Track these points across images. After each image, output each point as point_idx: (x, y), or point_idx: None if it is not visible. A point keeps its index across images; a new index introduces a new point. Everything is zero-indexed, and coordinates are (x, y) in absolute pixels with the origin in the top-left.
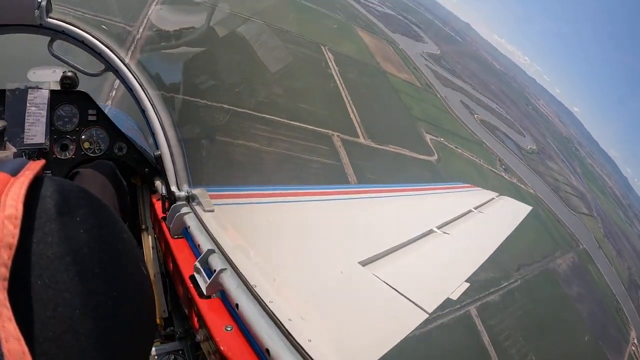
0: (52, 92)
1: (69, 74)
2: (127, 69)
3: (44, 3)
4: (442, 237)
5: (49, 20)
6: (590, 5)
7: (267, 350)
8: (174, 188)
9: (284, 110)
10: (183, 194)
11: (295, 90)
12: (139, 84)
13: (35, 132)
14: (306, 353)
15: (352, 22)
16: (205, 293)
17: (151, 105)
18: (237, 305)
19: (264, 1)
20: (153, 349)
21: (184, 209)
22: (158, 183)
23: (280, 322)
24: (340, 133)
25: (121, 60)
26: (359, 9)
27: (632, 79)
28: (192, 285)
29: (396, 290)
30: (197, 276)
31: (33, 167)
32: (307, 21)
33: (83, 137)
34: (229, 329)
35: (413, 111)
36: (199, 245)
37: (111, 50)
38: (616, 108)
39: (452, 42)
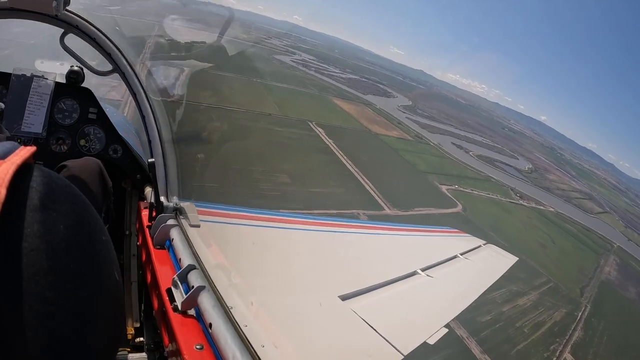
0: (57, 84)
1: (76, 68)
2: (134, 73)
3: None
4: (425, 280)
5: (65, 12)
6: (520, 16)
7: None
8: (162, 198)
9: (299, 200)
10: (171, 205)
11: (303, 174)
12: (143, 90)
13: (34, 120)
14: None
15: (326, 93)
16: (180, 308)
17: (152, 112)
18: (210, 324)
19: (237, 88)
20: (120, 356)
21: (170, 221)
22: (148, 190)
23: (253, 348)
24: (364, 210)
25: (129, 64)
26: (327, 80)
27: (582, 73)
28: (167, 298)
29: (373, 328)
30: (174, 290)
31: (23, 154)
32: (285, 101)
33: (80, 133)
34: (198, 347)
35: (419, 166)
36: (180, 259)
37: (121, 53)
38: (577, 103)
39: (417, 91)
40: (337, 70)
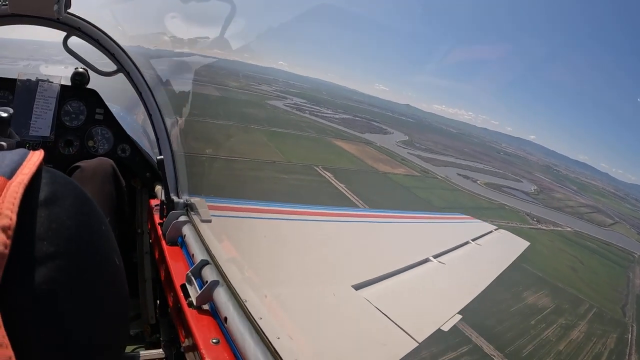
0: (62, 87)
1: (81, 70)
2: (139, 72)
3: None
4: (437, 266)
5: (67, 15)
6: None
7: None
8: (173, 195)
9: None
10: (182, 201)
11: None
12: (148, 88)
13: (41, 124)
14: None
15: (325, 135)
16: (195, 303)
17: (158, 110)
18: (225, 318)
19: (236, 137)
20: (137, 353)
21: (182, 217)
22: (158, 188)
23: (268, 340)
24: None
25: (133, 63)
26: (322, 121)
27: (562, 86)
28: (182, 294)
29: (387, 317)
30: (188, 286)
31: (30, 168)
32: (287, 146)
33: (88, 134)
34: (215, 341)
35: (434, 202)
36: (193, 254)
37: (124, 52)
38: (561, 117)
39: (409, 125)
40: (329, 111)
